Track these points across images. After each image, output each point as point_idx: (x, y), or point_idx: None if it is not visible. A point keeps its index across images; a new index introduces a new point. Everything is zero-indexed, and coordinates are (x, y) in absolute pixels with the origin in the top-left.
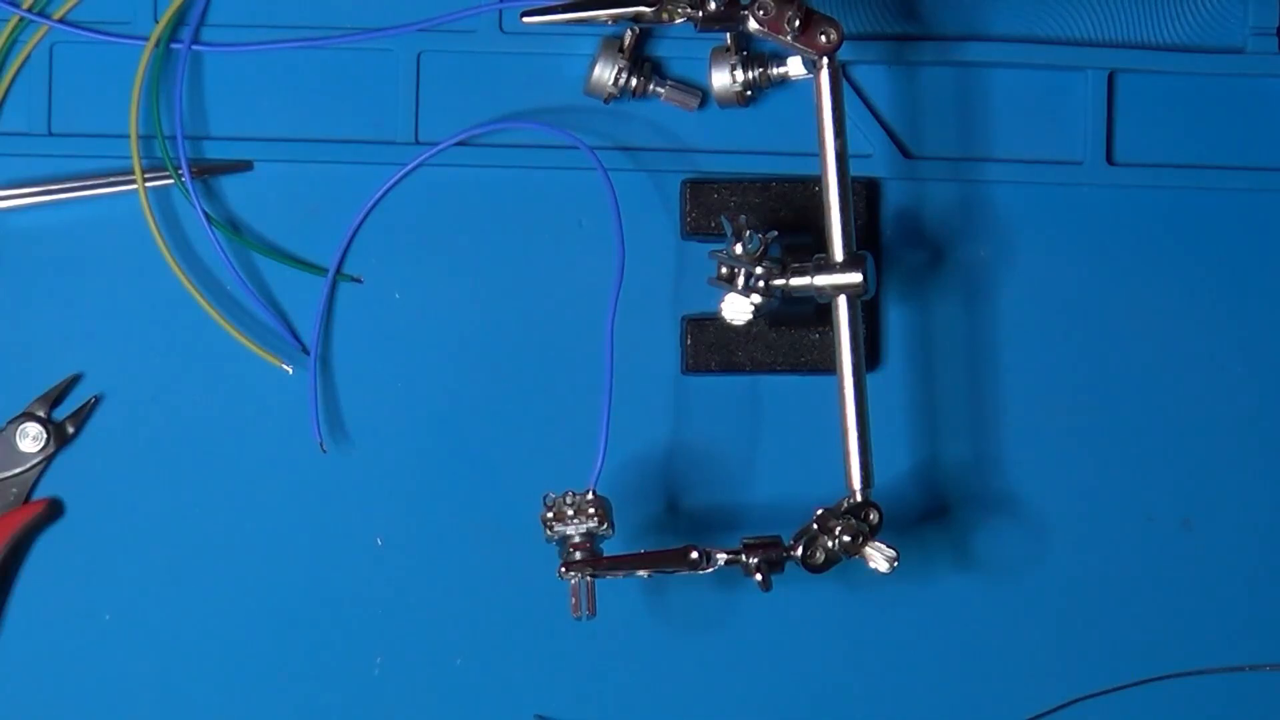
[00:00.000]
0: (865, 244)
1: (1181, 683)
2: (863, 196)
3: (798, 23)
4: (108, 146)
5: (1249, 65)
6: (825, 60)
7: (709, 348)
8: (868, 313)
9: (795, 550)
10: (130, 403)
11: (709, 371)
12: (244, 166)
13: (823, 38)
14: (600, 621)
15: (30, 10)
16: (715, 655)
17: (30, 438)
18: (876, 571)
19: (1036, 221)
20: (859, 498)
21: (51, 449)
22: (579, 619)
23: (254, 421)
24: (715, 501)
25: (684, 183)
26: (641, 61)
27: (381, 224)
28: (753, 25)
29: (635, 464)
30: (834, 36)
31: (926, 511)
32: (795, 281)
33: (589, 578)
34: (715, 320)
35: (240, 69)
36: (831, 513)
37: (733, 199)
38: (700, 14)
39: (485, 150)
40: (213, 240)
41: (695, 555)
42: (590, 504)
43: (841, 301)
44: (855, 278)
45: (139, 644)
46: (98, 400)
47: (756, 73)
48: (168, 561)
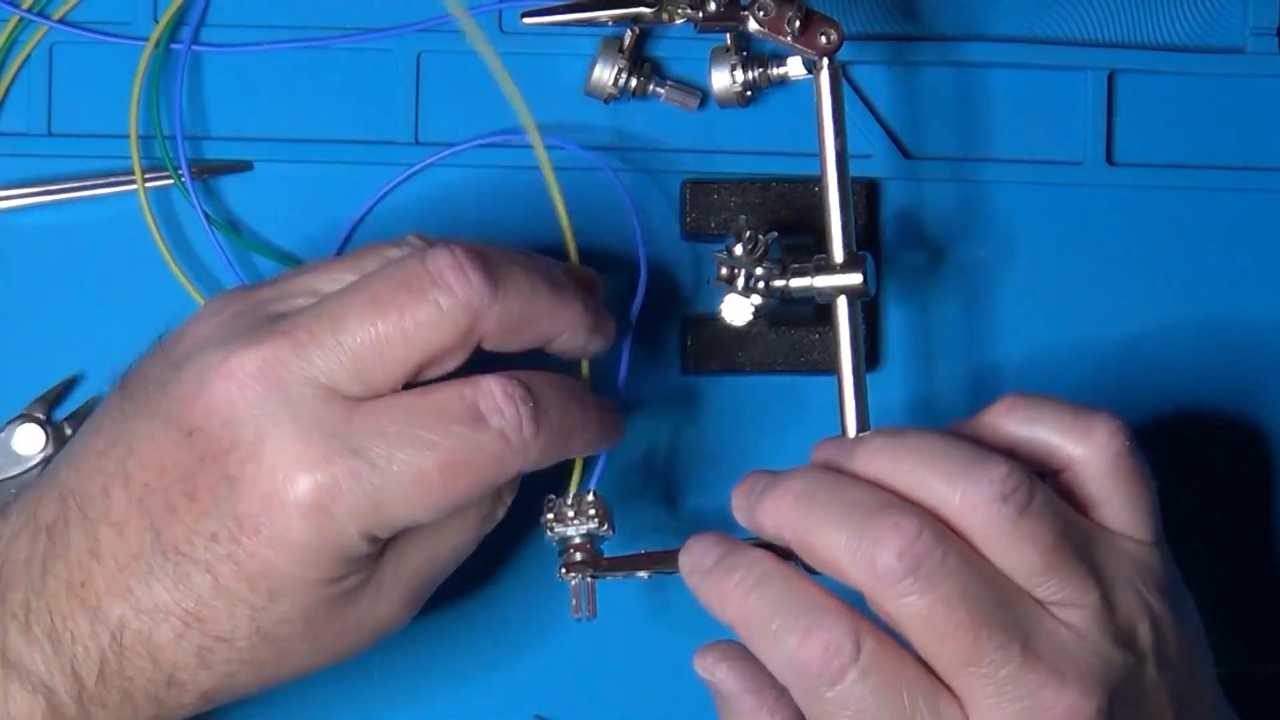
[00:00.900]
0: (865, 244)
1: None
2: (863, 197)
3: (798, 23)
4: (107, 146)
5: (1249, 65)
6: (825, 61)
7: (709, 348)
8: (868, 313)
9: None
10: None
11: (709, 372)
12: (244, 167)
13: (823, 38)
14: (600, 621)
15: (30, 10)
16: None
17: (29, 439)
18: None
19: (1036, 221)
20: None
21: (50, 450)
22: (579, 619)
23: None
24: (715, 501)
25: (684, 183)
26: (641, 62)
27: (382, 224)
28: (753, 26)
29: (635, 464)
30: (834, 37)
31: None
32: (795, 282)
33: (589, 579)
34: (715, 321)
35: (240, 69)
36: None
37: (733, 199)
38: (700, 14)
39: (486, 151)
40: (213, 241)
41: None
42: (590, 505)
43: (841, 302)
44: (855, 279)
45: None
46: (97, 401)
47: (756, 73)
48: None
